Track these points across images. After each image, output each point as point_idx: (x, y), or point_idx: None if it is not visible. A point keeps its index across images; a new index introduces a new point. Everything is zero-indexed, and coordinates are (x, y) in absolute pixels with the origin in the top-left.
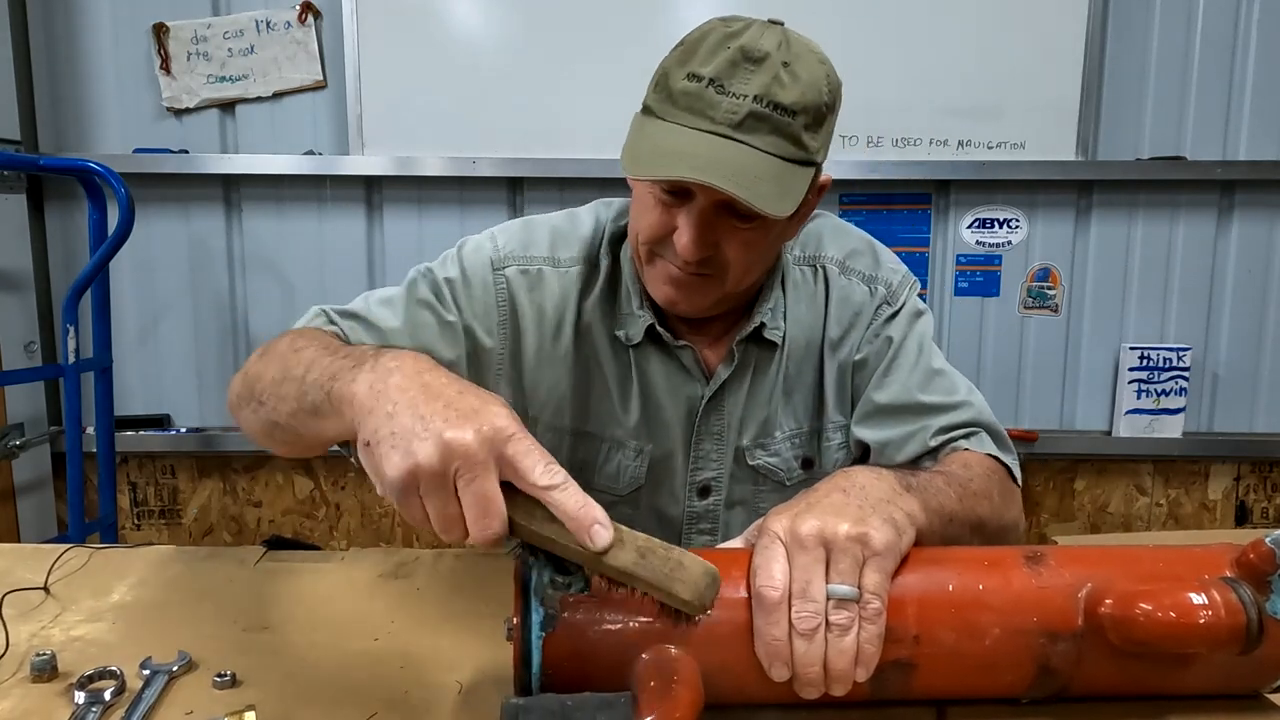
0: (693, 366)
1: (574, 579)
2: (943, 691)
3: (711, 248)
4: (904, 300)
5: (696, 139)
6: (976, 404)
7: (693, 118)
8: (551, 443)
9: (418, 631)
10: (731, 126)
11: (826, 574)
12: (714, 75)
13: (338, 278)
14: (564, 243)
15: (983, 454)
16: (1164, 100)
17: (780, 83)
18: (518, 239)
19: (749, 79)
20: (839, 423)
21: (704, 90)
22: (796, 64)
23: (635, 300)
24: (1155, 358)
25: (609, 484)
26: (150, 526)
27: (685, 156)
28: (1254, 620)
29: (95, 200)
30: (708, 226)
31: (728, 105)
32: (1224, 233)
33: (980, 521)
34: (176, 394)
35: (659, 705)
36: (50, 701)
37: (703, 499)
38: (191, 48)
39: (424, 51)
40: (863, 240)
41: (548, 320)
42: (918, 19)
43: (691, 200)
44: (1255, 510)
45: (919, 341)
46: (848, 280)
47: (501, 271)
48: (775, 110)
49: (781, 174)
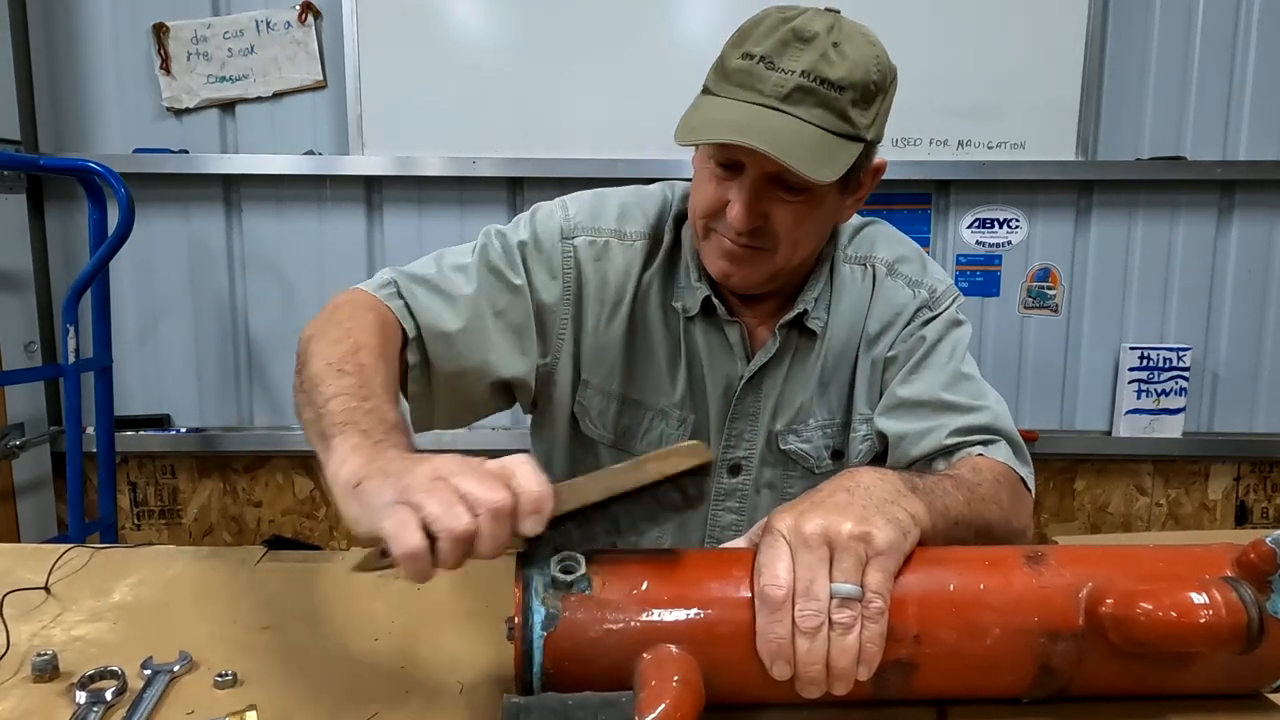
0: (738, 344)
1: (576, 578)
2: (943, 691)
3: (761, 218)
4: (945, 307)
5: (744, 109)
6: (999, 412)
7: (743, 92)
8: (600, 406)
9: (418, 631)
10: (778, 99)
11: (830, 573)
12: (765, 53)
13: (338, 278)
14: (631, 217)
15: (995, 460)
16: (1164, 100)
17: (828, 60)
18: (588, 210)
19: (798, 56)
20: (865, 415)
21: (755, 67)
22: (846, 44)
23: (694, 274)
24: (1155, 358)
25: (649, 450)
26: (150, 526)
27: (730, 124)
28: (1254, 620)
29: (95, 200)
30: (758, 197)
31: (776, 79)
32: (1224, 233)
33: (988, 526)
34: (176, 394)
35: (660, 704)
36: (51, 701)
37: (732, 477)
38: (191, 48)
39: (424, 51)
40: (914, 250)
41: (610, 291)
42: (918, 19)
43: (743, 173)
44: (1255, 510)
45: (953, 346)
46: (894, 281)
47: (571, 240)
48: (821, 84)
49: (824, 144)
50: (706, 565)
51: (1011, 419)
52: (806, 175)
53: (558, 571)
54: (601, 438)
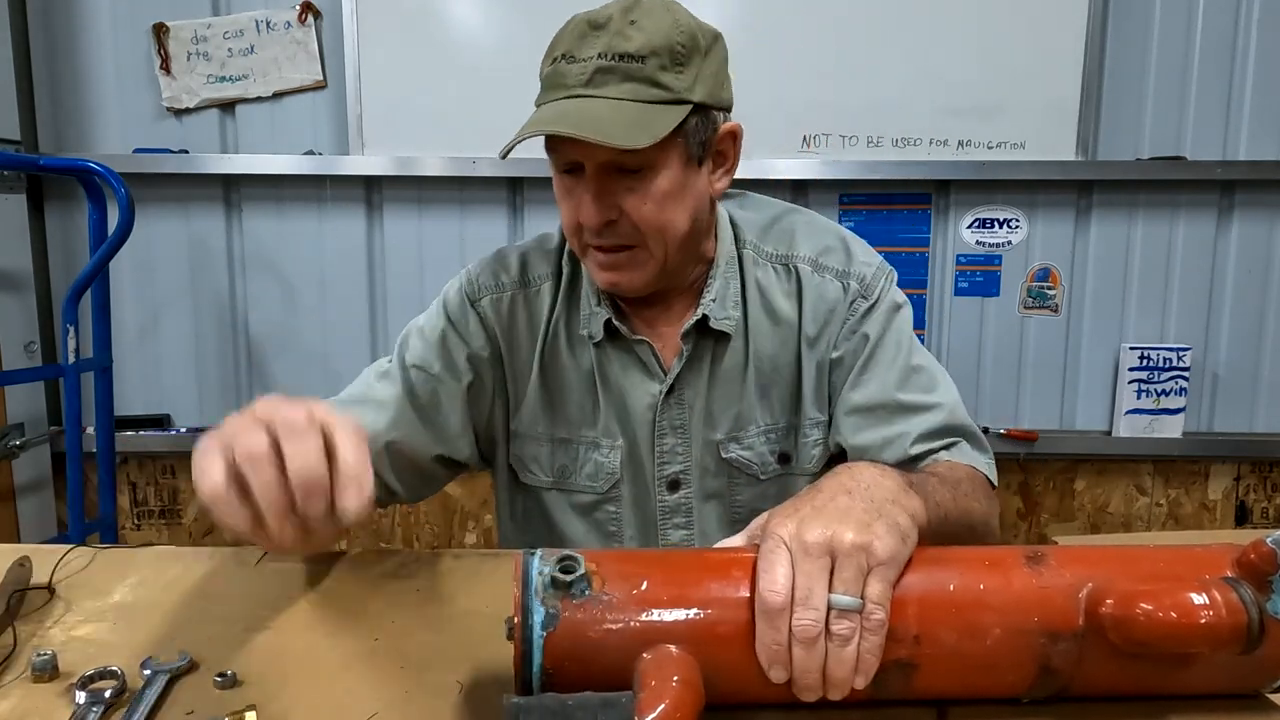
0: (650, 360)
1: (575, 578)
2: (943, 691)
3: (614, 210)
4: (879, 293)
5: (553, 106)
6: (951, 404)
7: (553, 92)
8: (533, 452)
9: (418, 631)
10: (582, 85)
11: (831, 583)
12: (565, 50)
13: (338, 278)
14: (533, 264)
15: (962, 463)
16: (1164, 100)
17: (623, 36)
18: (490, 270)
19: (594, 42)
20: (816, 419)
21: (559, 65)
22: (643, 18)
23: (593, 298)
24: (1155, 358)
25: (589, 483)
26: (150, 526)
27: (538, 121)
28: (1255, 620)
29: (95, 200)
30: (601, 191)
31: (576, 70)
32: (1224, 233)
33: (971, 523)
34: (176, 394)
35: (660, 704)
36: (51, 701)
37: (673, 493)
38: (191, 48)
39: (424, 51)
40: (835, 235)
41: (522, 341)
42: (918, 19)
43: (583, 174)
44: (1255, 510)
45: (897, 337)
46: (821, 278)
47: (477, 304)
48: (620, 60)
49: (639, 115)
50: (706, 565)
51: (961, 402)
52: (619, 144)
53: (558, 571)
54: (540, 483)
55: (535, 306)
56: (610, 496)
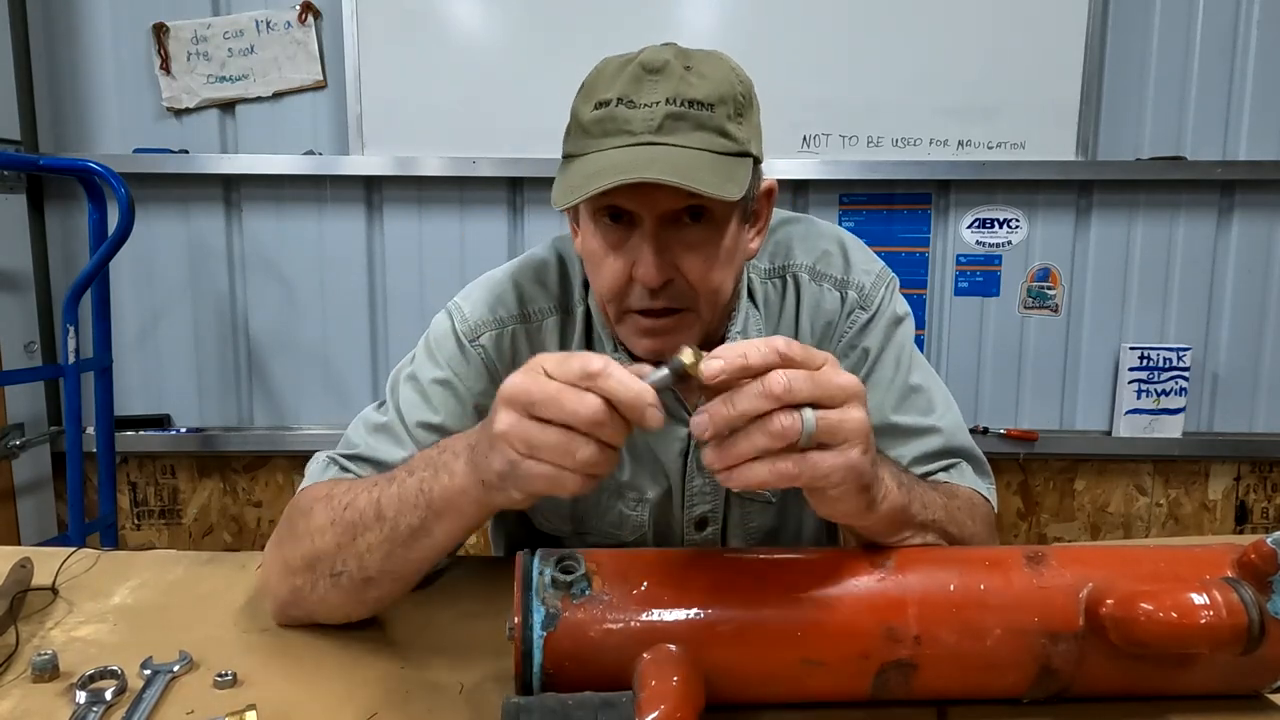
0: (675, 407)
1: (575, 578)
2: (944, 692)
3: (672, 269)
4: (879, 304)
5: (620, 154)
6: (951, 427)
7: (612, 138)
8: (550, 502)
9: (418, 631)
10: (653, 132)
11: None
12: (620, 94)
13: (338, 278)
14: (531, 296)
15: (964, 486)
16: (1164, 100)
17: (687, 82)
18: (483, 303)
19: (656, 87)
20: None
21: (615, 110)
22: (700, 65)
23: (609, 346)
24: (1155, 358)
25: (613, 531)
26: (150, 527)
27: (615, 168)
28: (1255, 621)
29: (95, 200)
30: (662, 246)
31: (643, 115)
32: (1224, 233)
33: (963, 540)
34: (176, 394)
35: (660, 704)
36: (51, 702)
37: (700, 530)
38: (191, 48)
39: (424, 51)
40: (834, 240)
41: None
42: (918, 19)
43: (639, 226)
44: (1255, 510)
45: (896, 354)
46: (819, 287)
47: (477, 342)
48: (691, 106)
49: (717, 164)
50: (706, 565)
51: (963, 424)
52: (714, 193)
53: (558, 571)
54: (558, 530)
55: (538, 344)
56: (633, 542)
